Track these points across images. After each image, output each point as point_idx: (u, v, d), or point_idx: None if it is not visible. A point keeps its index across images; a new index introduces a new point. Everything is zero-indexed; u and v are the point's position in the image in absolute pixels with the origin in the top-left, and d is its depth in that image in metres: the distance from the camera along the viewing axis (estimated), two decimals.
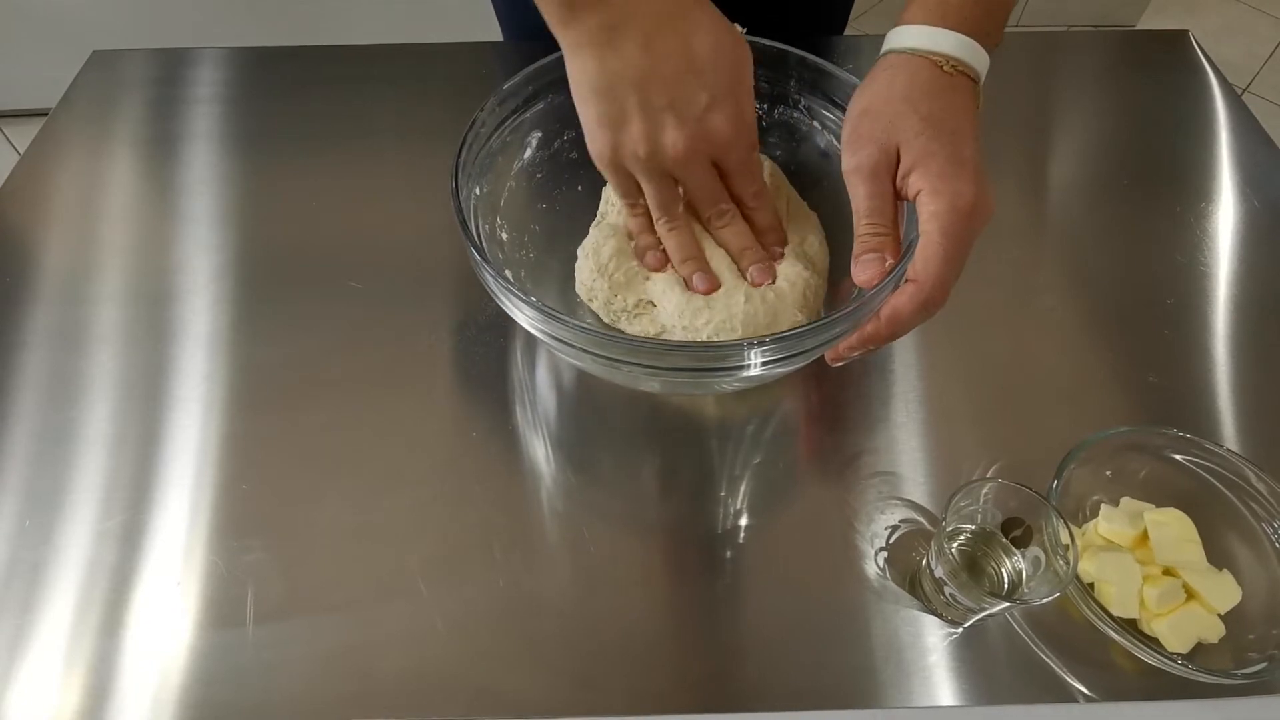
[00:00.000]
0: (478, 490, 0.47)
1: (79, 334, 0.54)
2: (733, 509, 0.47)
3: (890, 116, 0.40)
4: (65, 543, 0.45)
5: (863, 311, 0.39)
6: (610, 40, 0.39)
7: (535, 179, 0.52)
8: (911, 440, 0.49)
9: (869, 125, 0.41)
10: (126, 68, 0.72)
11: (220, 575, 0.44)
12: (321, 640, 0.42)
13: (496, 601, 0.43)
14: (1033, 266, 0.57)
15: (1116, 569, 0.41)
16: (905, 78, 0.41)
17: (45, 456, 0.48)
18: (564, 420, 0.51)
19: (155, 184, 0.64)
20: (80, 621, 0.43)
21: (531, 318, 0.40)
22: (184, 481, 0.47)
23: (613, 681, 0.41)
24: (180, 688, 0.41)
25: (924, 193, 0.38)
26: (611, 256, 0.49)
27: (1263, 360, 0.52)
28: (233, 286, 0.57)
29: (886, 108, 0.40)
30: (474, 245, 0.41)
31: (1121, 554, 0.42)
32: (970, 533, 0.43)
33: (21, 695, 0.40)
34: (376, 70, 0.71)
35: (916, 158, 0.39)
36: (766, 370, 0.40)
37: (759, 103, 0.53)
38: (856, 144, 0.41)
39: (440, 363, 0.52)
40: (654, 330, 0.49)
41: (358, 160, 0.64)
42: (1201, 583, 0.41)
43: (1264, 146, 0.64)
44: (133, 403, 0.51)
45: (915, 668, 0.41)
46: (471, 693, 0.41)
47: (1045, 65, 0.71)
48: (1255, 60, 1.84)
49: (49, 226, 0.60)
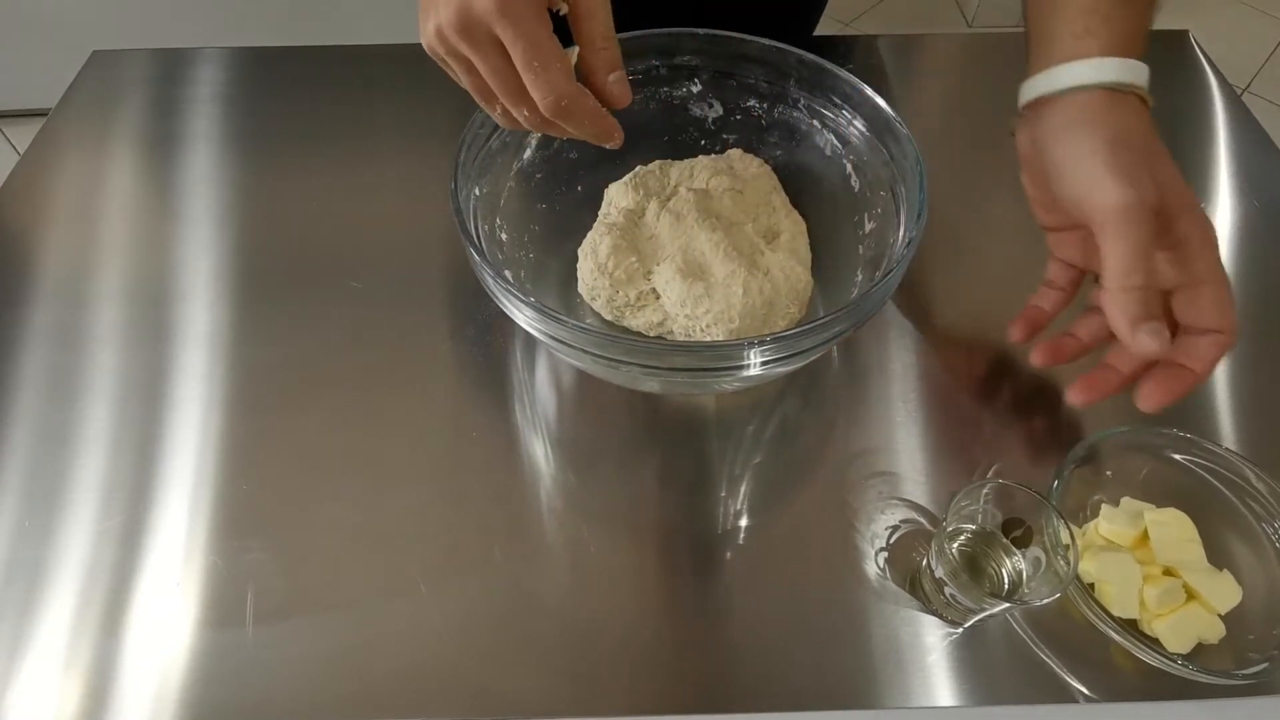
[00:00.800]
0: (478, 490, 0.47)
1: (79, 334, 0.54)
2: (732, 509, 0.47)
3: (1148, 154, 0.37)
4: (65, 543, 0.45)
5: (860, 313, 0.39)
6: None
7: (535, 179, 0.52)
8: (911, 440, 0.49)
9: (1130, 157, 0.37)
10: (126, 68, 0.72)
11: (220, 575, 0.44)
12: (321, 640, 0.42)
13: (496, 601, 0.43)
14: (1033, 266, 0.57)
15: (1117, 569, 0.41)
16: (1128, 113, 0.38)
17: (45, 456, 0.48)
18: (564, 420, 0.51)
19: (155, 184, 0.64)
20: (80, 621, 0.43)
21: (530, 318, 0.40)
22: (184, 481, 0.47)
23: (612, 681, 0.41)
24: (180, 688, 0.41)
25: (1196, 240, 0.37)
26: (610, 254, 0.49)
27: (1263, 360, 0.52)
28: (233, 286, 0.57)
29: (1144, 143, 0.38)
30: (473, 245, 0.41)
31: (1121, 554, 0.42)
32: (970, 533, 0.43)
33: (21, 695, 0.40)
34: (376, 70, 0.71)
35: (1183, 202, 0.37)
36: (766, 370, 0.40)
37: (759, 102, 0.53)
38: (1127, 176, 0.36)
39: (440, 362, 0.52)
40: (658, 319, 0.49)
41: (358, 160, 0.64)
42: (1202, 583, 0.41)
43: (1264, 146, 0.64)
44: (132, 403, 0.51)
45: (915, 668, 0.41)
46: (471, 693, 0.41)
47: None
48: (1255, 60, 1.84)
49: (49, 226, 0.60)
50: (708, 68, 0.52)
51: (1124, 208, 0.36)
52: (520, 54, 0.35)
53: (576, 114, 0.37)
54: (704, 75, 0.52)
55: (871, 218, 0.49)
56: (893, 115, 0.46)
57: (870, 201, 0.49)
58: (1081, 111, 0.39)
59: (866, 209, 0.50)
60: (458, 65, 0.37)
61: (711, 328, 0.47)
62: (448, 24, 0.35)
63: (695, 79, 0.53)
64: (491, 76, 0.36)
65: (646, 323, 0.50)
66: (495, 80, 0.36)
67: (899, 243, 0.44)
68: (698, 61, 0.52)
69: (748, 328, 0.47)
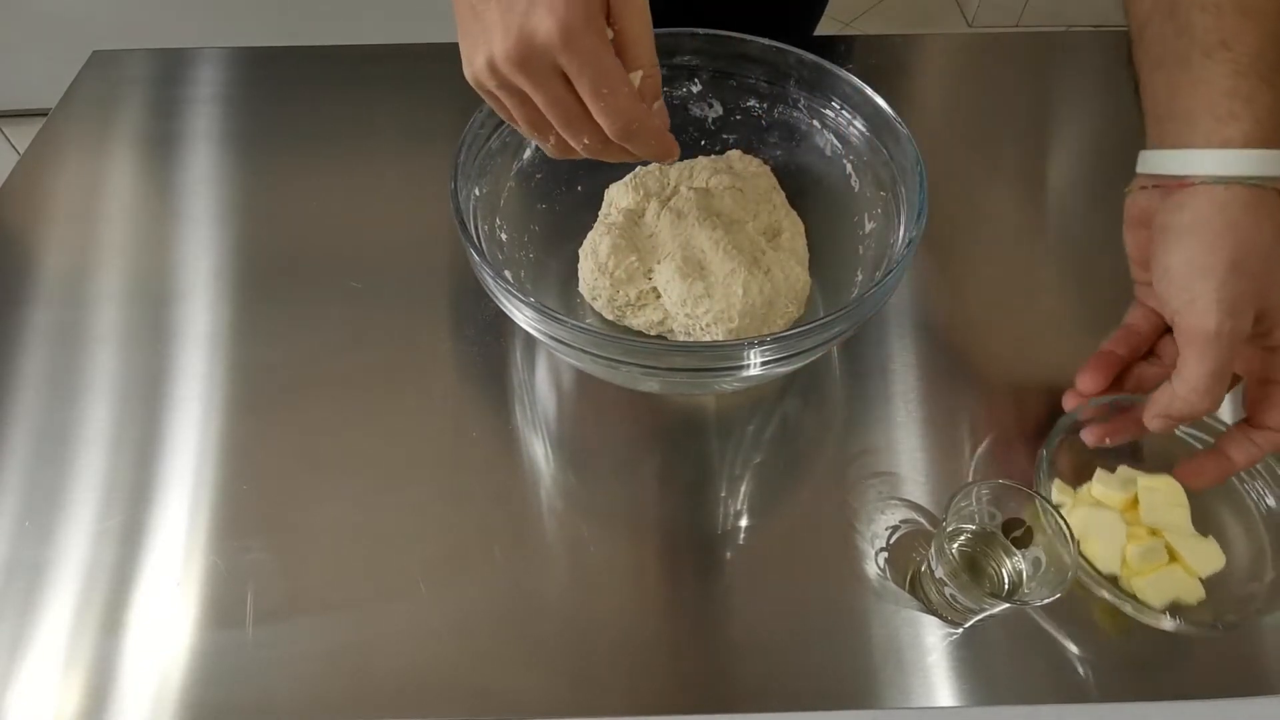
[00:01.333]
0: (478, 490, 0.47)
1: (79, 334, 0.54)
2: (732, 509, 0.47)
3: (1265, 274, 0.36)
4: (65, 543, 0.45)
5: (860, 313, 0.39)
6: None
7: (535, 179, 0.52)
8: (911, 440, 0.49)
9: (1243, 286, 0.36)
10: (126, 68, 0.72)
11: (220, 575, 0.44)
12: (321, 640, 0.42)
13: (496, 602, 0.43)
14: (1033, 266, 0.57)
15: (1102, 526, 0.42)
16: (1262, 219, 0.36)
17: (45, 456, 0.48)
18: (563, 420, 0.51)
19: (155, 184, 0.64)
20: (80, 621, 0.43)
21: (530, 318, 0.40)
22: (184, 481, 0.47)
23: (612, 682, 0.41)
24: (180, 688, 0.41)
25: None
26: (610, 254, 0.49)
27: None
28: (232, 286, 0.57)
29: (1265, 263, 0.36)
30: (473, 246, 0.41)
31: (1109, 513, 0.43)
32: (970, 533, 0.43)
33: (21, 695, 0.40)
34: (376, 70, 0.71)
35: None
36: (766, 370, 0.40)
37: (759, 102, 0.53)
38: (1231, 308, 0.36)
39: (440, 363, 0.52)
40: (659, 319, 0.50)
41: (358, 160, 0.64)
42: (1185, 545, 0.41)
43: None
44: (132, 402, 0.51)
45: (915, 668, 0.41)
46: (471, 693, 0.41)
47: (1045, 65, 0.71)
48: None
49: (49, 226, 0.60)
50: (707, 68, 0.52)
51: (1215, 336, 0.36)
52: (588, 82, 0.33)
53: (643, 135, 0.36)
54: (704, 75, 0.52)
55: (871, 218, 0.49)
56: (893, 115, 0.46)
57: (870, 201, 0.49)
58: (1209, 216, 0.37)
59: (866, 209, 0.50)
60: (510, 98, 0.36)
61: (711, 327, 0.47)
62: (504, 57, 0.33)
63: (695, 79, 0.53)
64: (551, 107, 0.35)
65: (647, 322, 0.50)
66: (555, 110, 0.35)
67: (899, 243, 0.44)
68: (698, 61, 0.52)
69: (747, 327, 0.47)
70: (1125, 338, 0.45)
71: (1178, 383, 0.38)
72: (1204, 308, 0.36)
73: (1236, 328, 0.36)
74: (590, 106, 0.34)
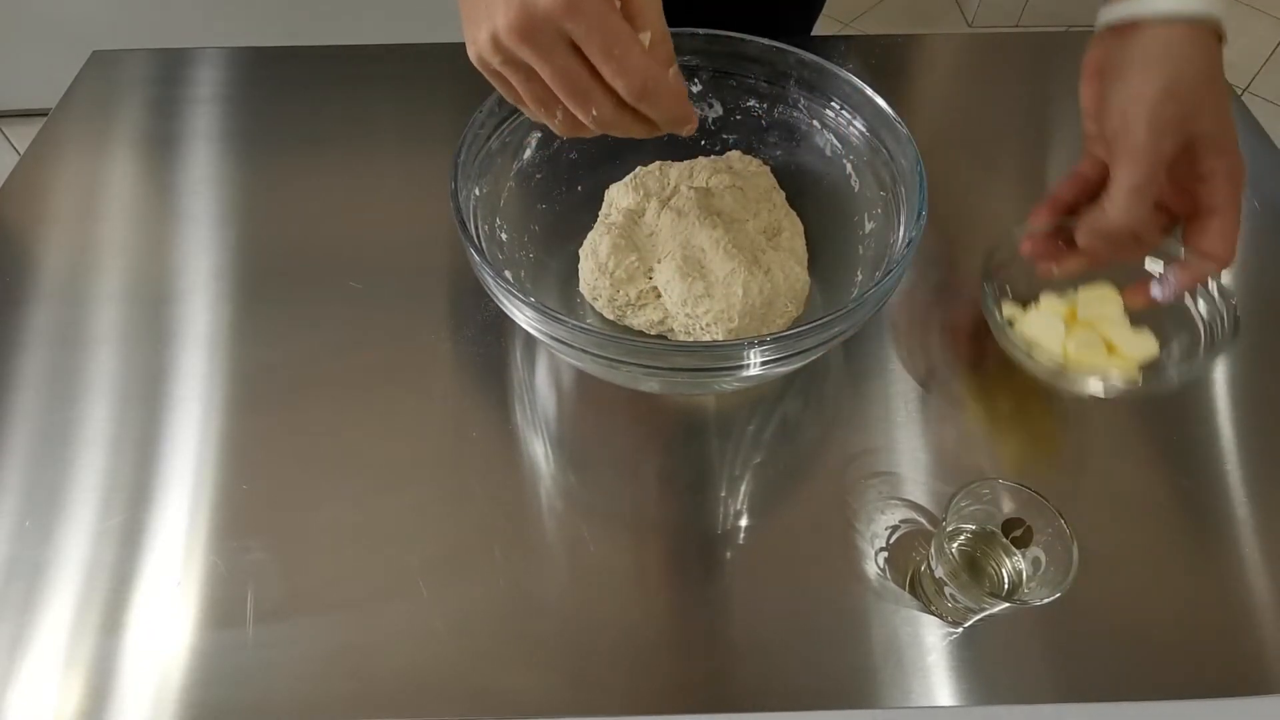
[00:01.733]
0: (478, 490, 0.47)
1: (79, 334, 0.54)
2: (733, 509, 0.47)
3: (1195, 104, 0.40)
4: (65, 543, 0.45)
5: (860, 313, 0.39)
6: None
7: (535, 179, 0.52)
8: (911, 440, 0.49)
9: (1173, 110, 0.40)
10: (126, 68, 0.72)
11: (220, 575, 0.44)
12: (321, 640, 0.42)
13: (496, 602, 0.43)
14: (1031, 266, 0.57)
15: (1044, 325, 0.47)
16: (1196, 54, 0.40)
17: (45, 456, 0.48)
18: (564, 420, 0.51)
19: (155, 184, 0.64)
20: (80, 621, 0.43)
21: (530, 318, 0.40)
22: (184, 481, 0.47)
23: (612, 681, 0.41)
24: (180, 688, 0.41)
25: (1220, 176, 0.41)
26: (610, 254, 0.49)
27: (1262, 360, 0.52)
28: (232, 286, 0.57)
29: (1194, 92, 0.40)
30: (473, 245, 0.41)
31: (1052, 316, 0.48)
32: (970, 533, 0.43)
33: (21, 695, 0.40)
34: (376, 70, 0.71)
35: (1219, 144, 0.40)
36: (766, 370, 0.40)
37: (759, 102, 0.53)
38: (1158, 129, 0.40)
39: (440, 363, 0.52)
40: (659, 318, 0.50)
41: (358, 160, 0.64)
42: (1119, 335, 0.46)
43: (1264, 146, 0.64)
44: (132, 403, 0.51)
45: (915, 668, 0.41)
46: (471, 693, 0.41)
47: (1045, 65, 0.71)
48: (1255, 60, 1.84)
49: (49, 226, 0.60)
50: (707, 68, 0.52)
51: (1141, 150, 0.40)
52: (597, 45, 0.32)
53: (661, 95, 0.34)
54: (704, 75, 0.52)
55: (871, 218, 0.49)
56: (893, 115, 0.46)
57: (870, 201, 0.49)
58: (1150, 49, 0.40)
59: (866, 209, 0.50)
60: (515, 74, 0.35)
61: (711, 327, 0.47)
62: (506, 30, 0.32)
63: (695, 79, 0.53)
64: (557, 78, 0.34)
65: (648, 321, 0.50)
66: (561, 82, 0.34)
67: (899, 243, 0.44)
68: (697, 61, 0.52)
69: (747, 327, 0.47)
70: (1073, 183, 0.47)
71: (1105, 200, 0.41)
72: (1135, 127, 0.40)
73: (1160, 146, 0.40)
74: (602, 70, 0.33)
